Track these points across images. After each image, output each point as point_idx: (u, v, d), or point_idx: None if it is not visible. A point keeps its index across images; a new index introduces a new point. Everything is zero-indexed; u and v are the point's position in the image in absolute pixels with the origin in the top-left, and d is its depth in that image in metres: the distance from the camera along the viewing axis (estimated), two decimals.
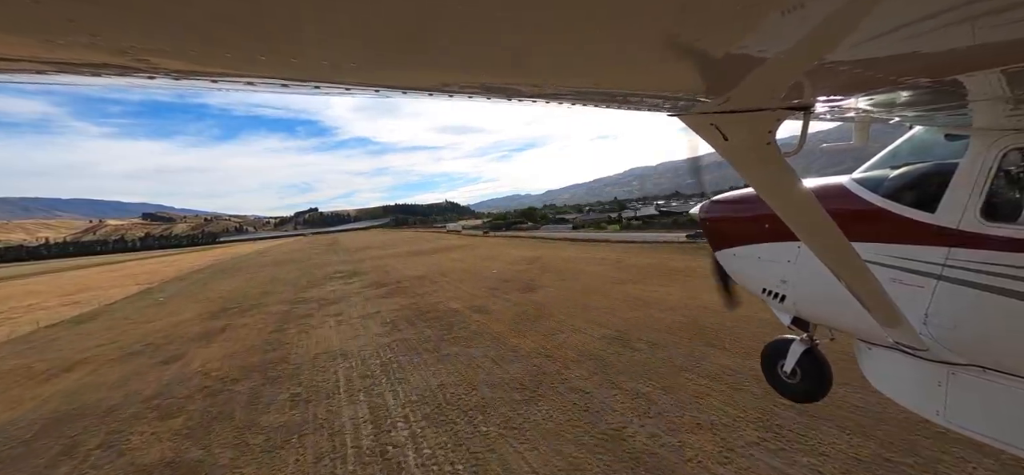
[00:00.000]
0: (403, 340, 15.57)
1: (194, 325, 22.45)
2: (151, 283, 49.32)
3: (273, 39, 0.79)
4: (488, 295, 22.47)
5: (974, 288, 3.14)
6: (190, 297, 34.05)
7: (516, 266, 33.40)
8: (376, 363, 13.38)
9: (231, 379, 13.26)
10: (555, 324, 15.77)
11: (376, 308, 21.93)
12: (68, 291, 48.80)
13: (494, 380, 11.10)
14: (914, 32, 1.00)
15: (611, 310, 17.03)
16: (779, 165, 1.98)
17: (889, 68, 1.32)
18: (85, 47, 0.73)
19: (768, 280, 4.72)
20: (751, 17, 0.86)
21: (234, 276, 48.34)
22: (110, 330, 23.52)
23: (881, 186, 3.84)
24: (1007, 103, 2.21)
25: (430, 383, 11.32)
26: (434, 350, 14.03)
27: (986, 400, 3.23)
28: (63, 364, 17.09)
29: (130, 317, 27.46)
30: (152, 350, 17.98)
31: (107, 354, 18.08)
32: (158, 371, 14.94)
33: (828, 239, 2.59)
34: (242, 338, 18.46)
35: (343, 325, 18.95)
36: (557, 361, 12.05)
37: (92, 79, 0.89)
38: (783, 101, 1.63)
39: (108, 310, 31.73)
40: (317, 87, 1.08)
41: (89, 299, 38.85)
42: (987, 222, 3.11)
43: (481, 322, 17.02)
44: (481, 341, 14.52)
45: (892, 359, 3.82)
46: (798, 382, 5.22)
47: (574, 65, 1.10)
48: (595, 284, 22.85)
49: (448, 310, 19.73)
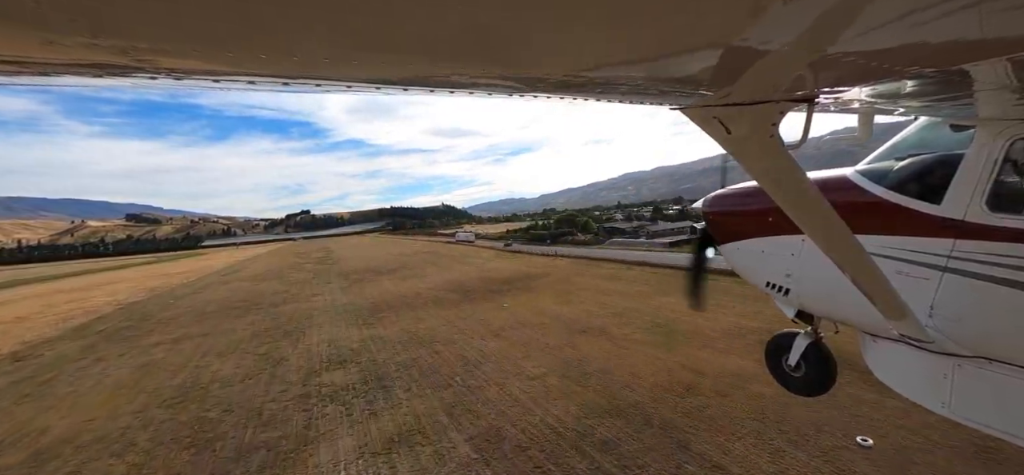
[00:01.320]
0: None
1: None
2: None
3: (275, 36, 0.79)
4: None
5: (980, 280, 3.12)
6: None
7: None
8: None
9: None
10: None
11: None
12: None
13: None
14: (919, 21, 0.99)
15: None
16: (782, 158, 1.96)
17: (893, 58, 1.31)
18: (86, 48, 0.74)
19: (772, 274, 4.70)
20: (753, 9, 0.85)
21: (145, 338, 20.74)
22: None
23: (886, 178, 3.82)
24: (1013, 92, 2.19)
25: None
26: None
27: (992, 392, 3.22)
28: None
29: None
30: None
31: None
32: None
33: (832, 232, 2.58)
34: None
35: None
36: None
37: (93, 81, 0.90)
38: (786, 93, 1.62)
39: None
40: (318, 85, 1.09)
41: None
42: (993, 213, 3.08)
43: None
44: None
45: (897, 352, 3.80)
46: (803, 375, 5.22)
47: (578, 58, 1.09)
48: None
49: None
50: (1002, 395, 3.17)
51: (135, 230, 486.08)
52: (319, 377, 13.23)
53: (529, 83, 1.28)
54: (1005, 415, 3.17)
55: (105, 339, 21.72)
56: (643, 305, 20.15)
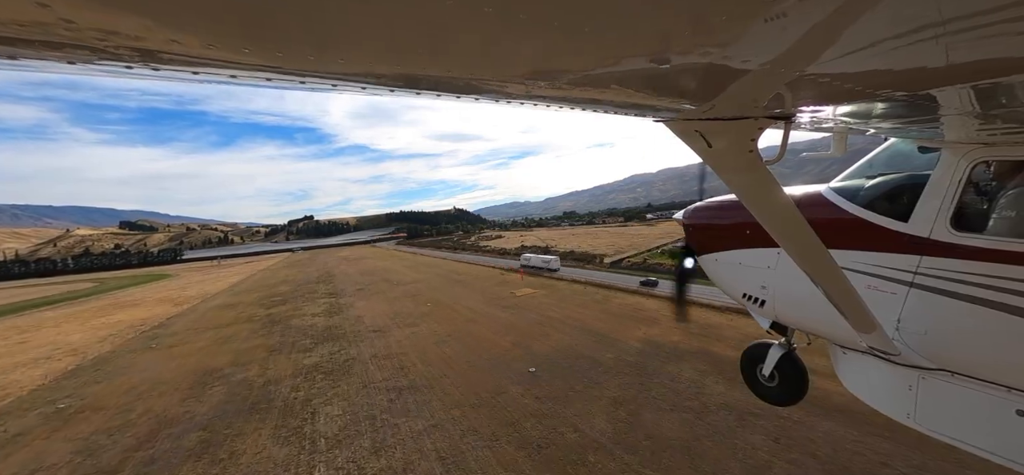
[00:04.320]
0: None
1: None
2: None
3: (291, 34, 0.80)
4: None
5: (944, 296, 3.25)
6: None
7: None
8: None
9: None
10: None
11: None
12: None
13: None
14: (889, 47, 1.04)
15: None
16: (761, 172, 2.02)
17: (865, 81, 1.37)
18: (106, 36, 0.73)
19: (748, 285, 4.81)
20: (735, 29, 0.88)
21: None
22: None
23: (858, 195, 3.96)
24: (976, 118, 2.30)
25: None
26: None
27: (954, 404, 3.35)
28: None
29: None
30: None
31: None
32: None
33: (806, 246, 2.66)
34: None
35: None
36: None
37: (110, 76, 0.91)
38: (765, 110, 1.67)
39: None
40: (334, 85, 1.11)
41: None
42: (957, 232, 3.23)
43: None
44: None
45: (866, 363, 3.93)
46: (776, 385, 5.34)
47: (563, 70, 1.11)
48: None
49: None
50: (963, 406, 3.30)
51: (126, 238, 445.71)
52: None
53: (518, 93, 1.30)
54: (966, 426, 3.31)
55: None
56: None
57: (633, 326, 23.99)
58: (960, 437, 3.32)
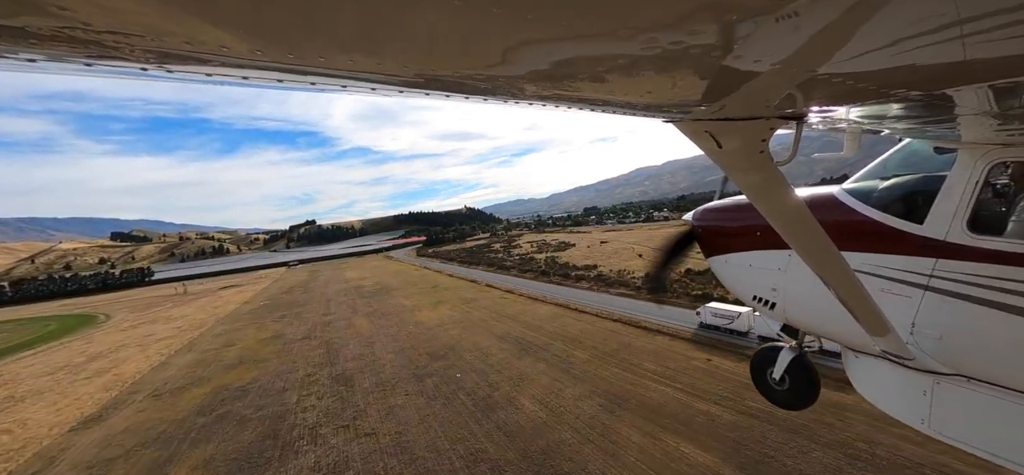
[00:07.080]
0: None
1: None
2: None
3: (302, 36, 0.81)
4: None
5: (960, 299, 3.19)
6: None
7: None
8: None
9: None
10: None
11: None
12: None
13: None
14: (905, 46, 1.02)
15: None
16: (771, 173, 2.00)
17: (880, 80, 1.35)
18: (122, 39, 0.74)
19: (759, 287, 4.76)
20: (746, 30, 0.87)
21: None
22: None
23: (871, 197, 3.89)
24: (994, 118, 2.25)
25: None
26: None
27: (970, 409, 3.28)
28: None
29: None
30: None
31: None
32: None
33: (818, 248, 2.62)
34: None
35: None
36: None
37: (126, 74, 0.93)
38: (776, 110, 1.65)
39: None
40: (344, 86, 1.13)
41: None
42: (973, 234, 3.16)
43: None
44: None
45: (879, 367, 3.86)
46: (787, 389, 5.27)
47: (572, 72, 1.11)
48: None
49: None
50: (979, 412, 3.23)
51: (114, 251, 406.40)
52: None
53: (527, 94, 1.30)
54: (982, 433, 3.24)
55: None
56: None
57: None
58: (976, 444, 3.25)
